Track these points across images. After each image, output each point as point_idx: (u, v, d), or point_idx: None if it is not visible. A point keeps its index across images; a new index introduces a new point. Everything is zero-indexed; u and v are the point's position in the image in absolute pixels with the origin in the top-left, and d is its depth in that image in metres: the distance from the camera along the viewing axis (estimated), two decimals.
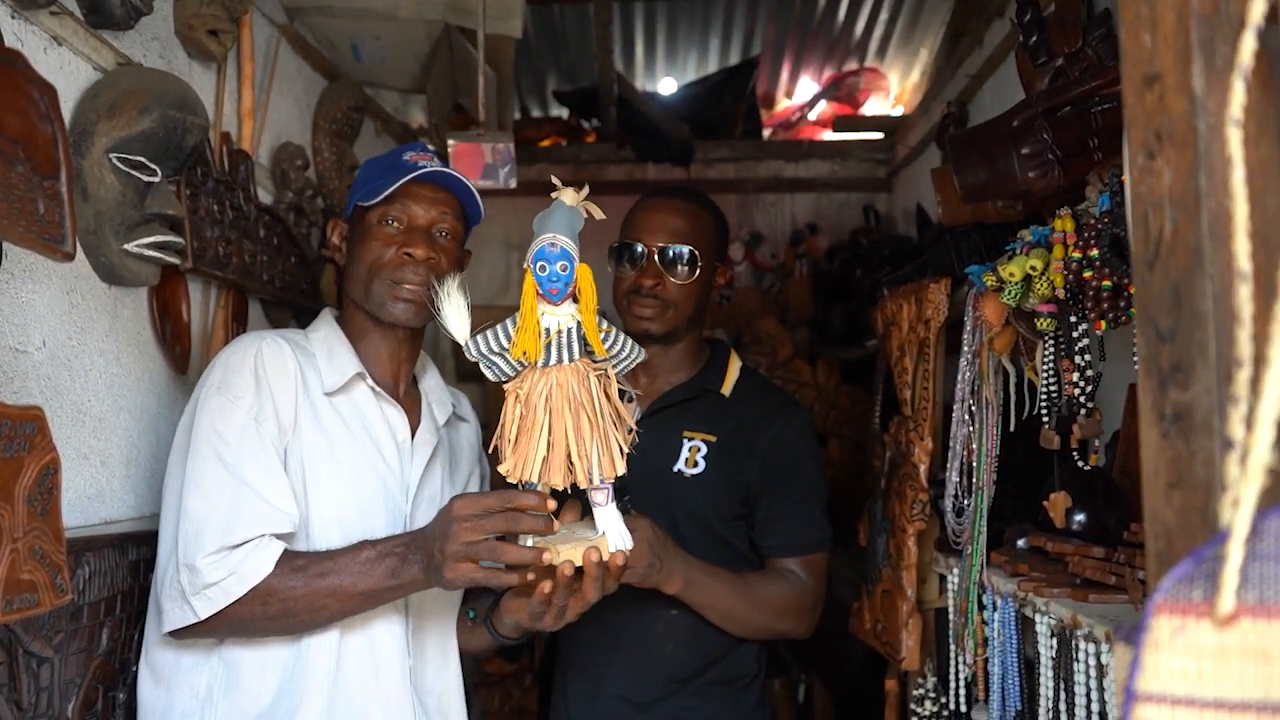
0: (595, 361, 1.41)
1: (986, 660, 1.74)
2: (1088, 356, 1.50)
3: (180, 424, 1.63)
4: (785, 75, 4.34)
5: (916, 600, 2.07)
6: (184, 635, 1.52)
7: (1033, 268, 1.54)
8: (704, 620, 1.89)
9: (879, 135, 4.13)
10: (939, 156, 3.14)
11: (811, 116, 4.28)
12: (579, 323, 1.36)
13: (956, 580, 1.90)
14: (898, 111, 4.23)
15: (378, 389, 1.74)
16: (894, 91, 4.26)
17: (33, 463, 1.00)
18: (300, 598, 1.48)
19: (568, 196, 1.38)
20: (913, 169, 3.81)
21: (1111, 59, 1.75)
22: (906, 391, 2.15)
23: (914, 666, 2.05)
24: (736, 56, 4.18)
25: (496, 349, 1.40)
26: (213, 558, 1.48)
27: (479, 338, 1.40)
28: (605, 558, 1.44)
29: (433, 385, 1.90)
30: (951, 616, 1.90)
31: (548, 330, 1.36)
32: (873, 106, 4.22)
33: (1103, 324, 1.35)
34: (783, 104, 4.44)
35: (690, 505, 1.93)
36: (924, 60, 4.05)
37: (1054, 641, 1.46)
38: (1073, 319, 1.51)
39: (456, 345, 4.43)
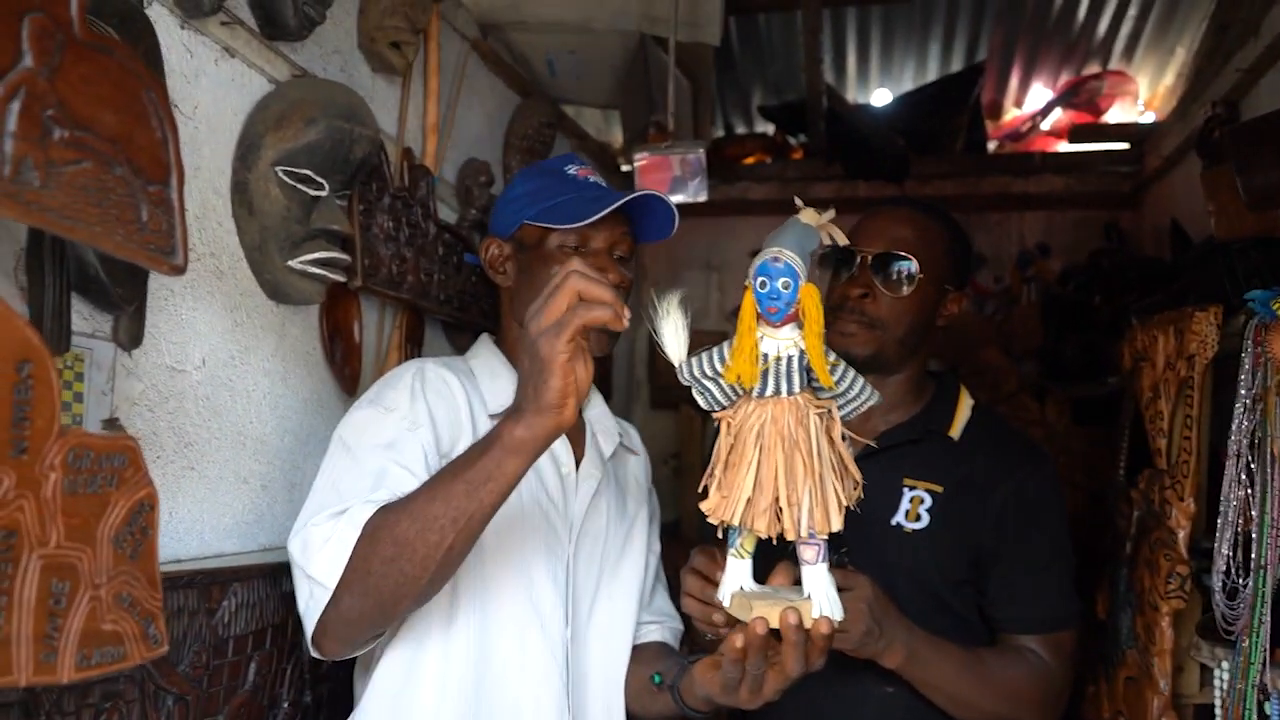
0: (819, 397, 1.20)
1: None
2: None
3: None
4: (1015, 82, 3.95)
5: (1171, 694, 1.71)
6: (327, 646, 1.37)
7: None
8: (925, 702, 1.62)
9: (1124, 145, 3.67)
10: (1198, 165, 2.71)
11: (1045, 126, 3.87)
12: (802, 350, 1.16)
13: (1226, 678, 1.54)
14: (1148, 118, 3.76)
15: None
16: (1143, 96, 3.79)
17: (122, 500, 0.90)
18: (404, 520, 1.26)
19: (807, 215, 1.20)
20: (1166, 182, 3.35)
21: None
22: (1161, 440, 1.80)
23: None
24: (959, 63, 3.84)
25: (710, 373, 1.22)
26: (320, 517, 1.33)
27: (693, 360, 1.22)
28: (807, 623, 1.21)
29: (598, 415, 1.74)
30: None
31: (765, 356, 1.17)
32: (1117, 114, 3.77)
33: None
34: (1011, 114, 4.05)
35: (910, 564, 1.66)
36: (1180, 60, 3.57)
37: None
38: None
39: (652, 371, 4.27)
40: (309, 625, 1.35)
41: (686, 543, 1.82)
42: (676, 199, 2.17)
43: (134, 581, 0.91)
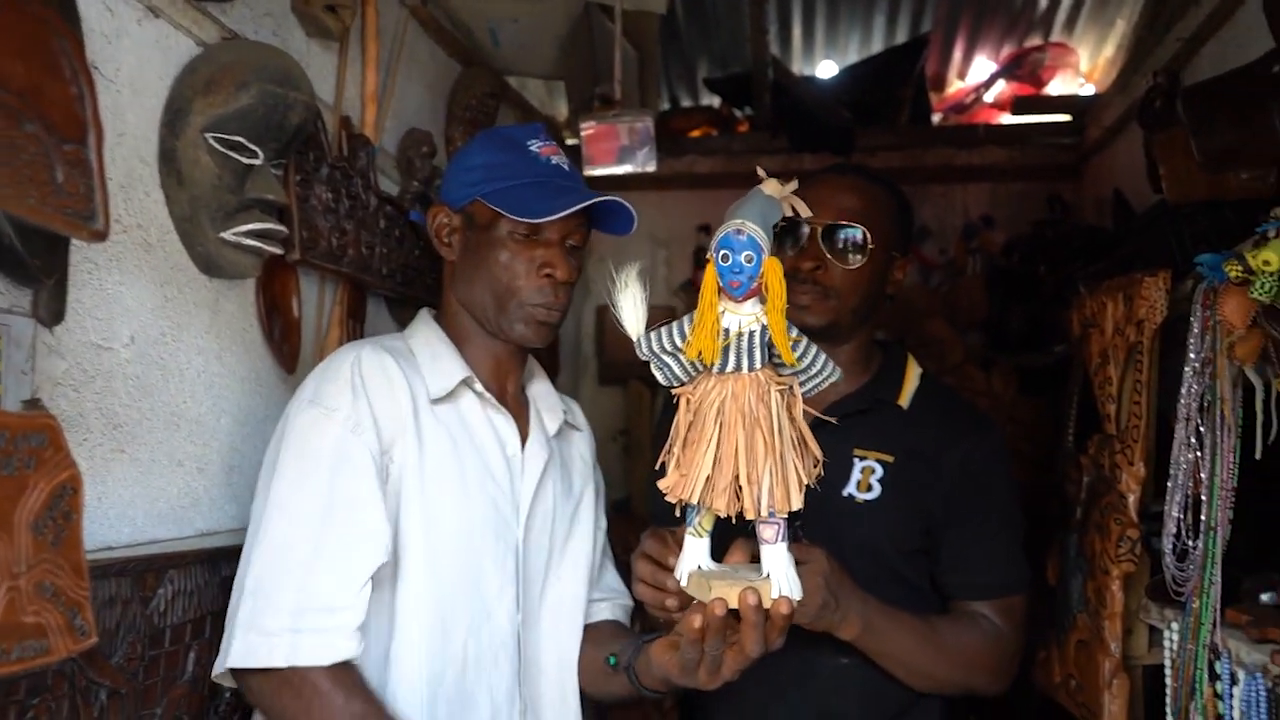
0: (781, 374, 1.17)
1: None
2: None
3: (271, 440, 1.48)
4: (958, 54, 3.96)
5: (1122, 656, 1.73)
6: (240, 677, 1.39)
7: None
8: (880, 672, 1.61)
9: (1066, 117, 3.70)
10: (1140, 136, 2.74)
11: (988, 99, 3.89)
12: (764, 326, 1.14)
13: (1176, 639, 1.56)
14: (1088, 91, 3.79)
15: (485, 395, 1.55)
16: (1083, 68, 3.82)
17: (42, 482, 0.83)
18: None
19: (769, 186, 1.17)
20: (1107, 153, 3.39)
21: None
22: (1111, 405, 1.81)
23: None
24: (904, 35, 3.84)
25: (670, 348, 1.19)
26: (285, 601, 1.33)
27: (652, 335, 1.19)
28: (766, 604, 1.19)
29: (542, 391, 1.70)
30: (1169, 683, 1.56)
31: (727, 331, 1.14)
32: (1059, 86, 3.80)
33: None
34: (955, 86, 4.06)
35: (862, 535, 1.65)
36: (1120, 31, 3.60)
37: None
38: None
39: (599, 347, 4.23)
40: (217, 667, 1.37)
41: (636, 520, 1.79)
42: (624, 169, 2.13)
43: (57, 570, 0.85)
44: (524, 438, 1.60)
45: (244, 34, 1.66)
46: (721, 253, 1.11)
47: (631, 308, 1.19)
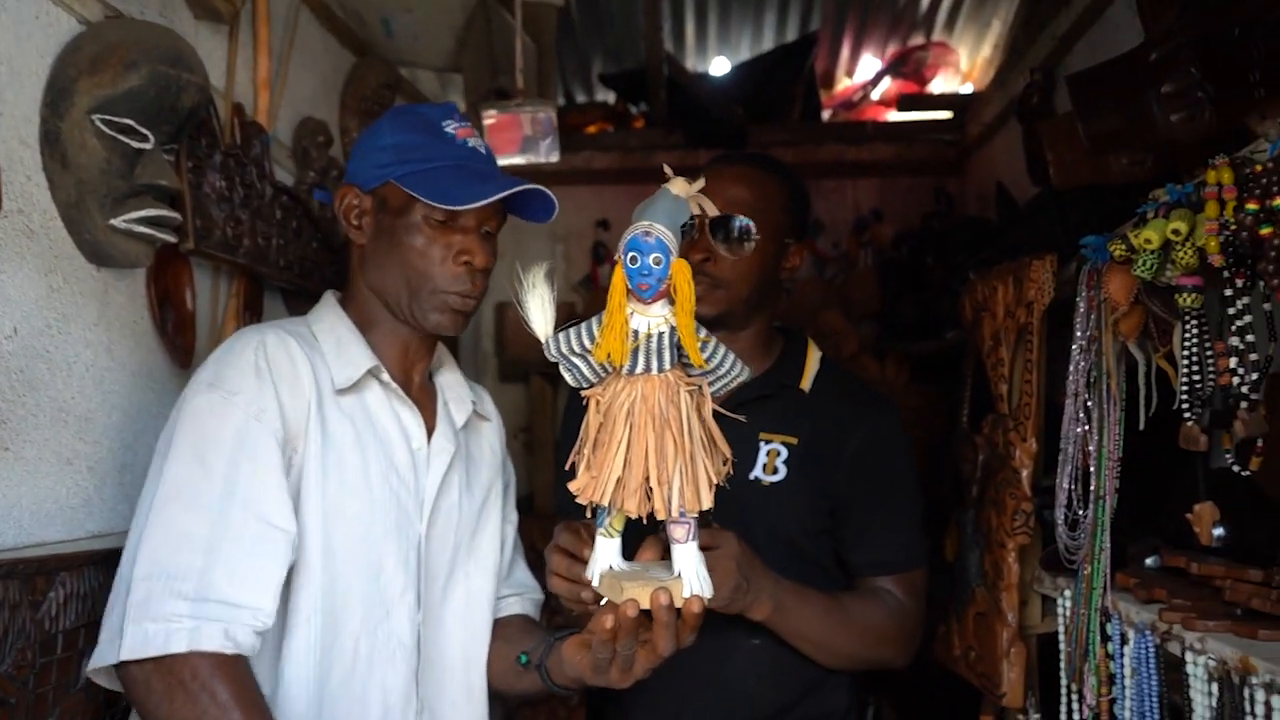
0: (690, 374, 1.18)
1: (1113, 703, 1.48)
2: (1249, 337, 1.23)
3: (164, 429, 1.40)
4: (846, 52, 4.07)
5: (1019, 626, 1.80)
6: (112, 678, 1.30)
7: (1175, 231, 1.27)
8: (790, 650, 1.64)
9: (948, 114, 3.84)
10: (1018, 132, 2.86)
11: (874, 96, 4.01)
12: (673, 327, 1.14)
13: (1069, 604, 1.63)
14: (967, 89, 3.94)
15: (391, 386, 1.50)
16: (963, 67, 3.97)
17: None
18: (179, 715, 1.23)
19: (676, 186, 1.16)
20: (988, 148, 3.53)
21: None
22: (1003, 386, 1.88)
23: (1016, 703, 1.78)
24: (794, 33, 3.92)
25: (579, 350, 1.18)
26: (185, 589, 1.25)
27: (560, 336, 1.18)
28: (678, 603, 1.20)
29: (451, 381, 1.65)
30: (1064, 647, 1.63)
31: (636, 332, 1.14)
32: (941, 84, 3.94)
33: None
34: (843, 83, 4.17)
35: (770, 518, 1.68)
36: (997, 31, 3.76)
37: (1214, 688, 1.20)
38: (1228, 292, 1.24)
39: (499, 344, 4.18)
40: (93, 662, 1.27)
41: (540, 517, 1.78)
42: (527, 159, 2.12)
43: None
44: (430, 429, 1.56)
45: (129, 13, 1.59)
46: (630, 255, 1.11)
47: (539, 309, 1.19)
